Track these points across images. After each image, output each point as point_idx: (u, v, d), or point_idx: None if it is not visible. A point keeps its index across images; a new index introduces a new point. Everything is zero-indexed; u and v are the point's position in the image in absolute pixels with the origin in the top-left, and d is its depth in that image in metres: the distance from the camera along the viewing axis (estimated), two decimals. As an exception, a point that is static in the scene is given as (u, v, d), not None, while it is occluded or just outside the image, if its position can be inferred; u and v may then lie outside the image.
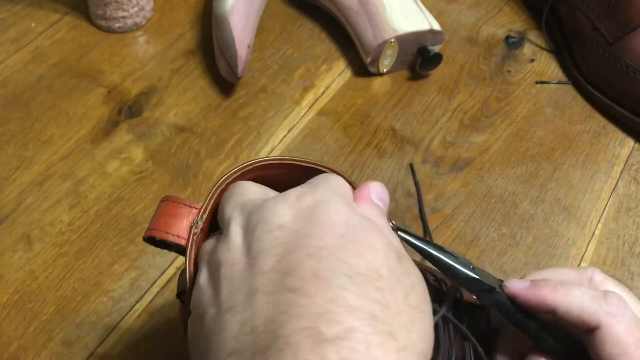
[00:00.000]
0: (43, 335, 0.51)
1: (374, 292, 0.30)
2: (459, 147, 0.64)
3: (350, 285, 0.29)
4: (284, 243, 0.31)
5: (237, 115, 0.65)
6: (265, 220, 0.32)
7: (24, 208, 0.57)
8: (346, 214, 0.32)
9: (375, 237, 0.32)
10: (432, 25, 0.66)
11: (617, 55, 0.65)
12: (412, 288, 0.31)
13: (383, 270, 0.31)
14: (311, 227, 0.31)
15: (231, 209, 0.35)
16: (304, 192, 0.33)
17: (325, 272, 0.30)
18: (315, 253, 0.30)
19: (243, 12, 0.64)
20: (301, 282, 0.29)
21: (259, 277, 0.30)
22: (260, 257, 0.31)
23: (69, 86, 0.66)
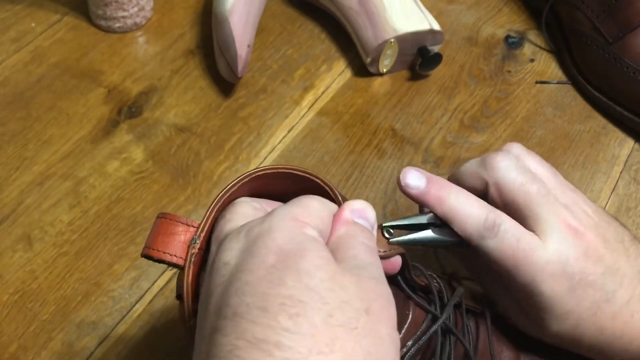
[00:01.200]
0: (43, 335, 0.51)
1: (285, 320, 0.30)
2: (459, 147, 0.64)
3: (261, 317, 0.30)
4: (224, 281, 0.32)
5: (237, 116, 0.65)
6: (219, 257, 0.33)
7: (24, 208, 0.57)
8: (284, 241, 0.32)
9: (304, 261, 0.31)
10: (432, 25, 0.66)
11: (617, 55, 0.65)
12: (340, 305, 0.31)
13: (303, 294, 0.30)
14: (247, 262, 0.32)
15: (213, 242, 0.36)
16: (254, 224, 0.34)
17: (242, 309, 0.30)
18: (240, 289, 0.31)
19: (243, 12, 0.64)
20: (223, 322, 0.30)
21: (207, 319, 0.32)
22: (209, 297, 0.32)
23: (69, 86, 0.66)
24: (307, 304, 0.30)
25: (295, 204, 0.35)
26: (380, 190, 0.60)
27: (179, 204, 0.58)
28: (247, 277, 0.31)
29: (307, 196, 0.36)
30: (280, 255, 0.31)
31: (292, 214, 0.34)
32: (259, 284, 0.31)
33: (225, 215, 0.37)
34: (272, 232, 0.33)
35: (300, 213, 0.34)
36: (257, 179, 0.38)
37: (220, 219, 0.37)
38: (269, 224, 0.33)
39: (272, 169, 0.38)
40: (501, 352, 0.44)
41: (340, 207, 0.36)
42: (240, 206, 0.37)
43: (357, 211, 0.37)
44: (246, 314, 0.30)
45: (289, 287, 0.30)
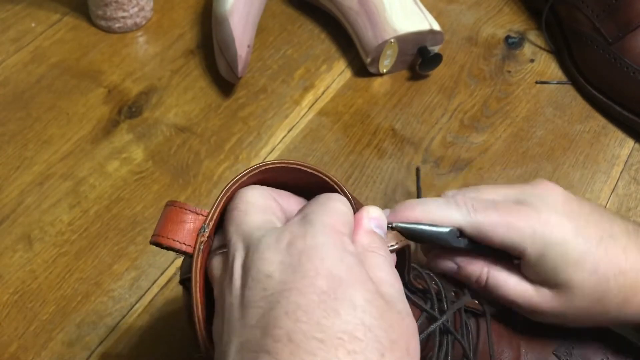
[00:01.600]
0: (43, 335, 0.51)
1: (343, 356, 0.30)
2: (459, 147, 0.64)
3: (320, 350, 0.30)
4: (268, 295, 0.32)
5: (237, 116, 0.65)
6: (256, 267, 0.33)
7: (24, 208, 0.57)
8: (332, 263, 0.32)
9: (357, 292, 0.32)
10: (432, 26, 0.66)
11: (617, 55, 0.65)
12: (390, 345, 0.31)
13: (359, 330, 0.31)
14: (295, 281, 0.32)
15: (234, 235, 0.35)
16: (296, 236, 0.33)
17: (298, 336, 0.30)
18: (292, 312, 0.31)
19: (243, 12, 0.64)
20: (276, 345, 0.30)
21: (246, 330, 0.32)
22: (249, 307, 0.32)
23: (69, 86, 0.66)
24: (363, 342, 0.30)
25: (326, 210, 0.35)
26: (380, 191, 0.60)
27: (179, 204, 0.58)
28: (298, 300, 0.31)
29: (332, 198, 0.36)
30: (331, 281, 0.32)
31: (330, 224, 0.34)
32: (312, 312, 0.31)
33: (237, 205, 0.37)
34: (318, 250, 0.33)
35: (335, 222, 0.34)
36: (266, 172, 0.38)
37: (233, 209, 0.37)
38: (312, 239, 0.33)
39: (282, 164, 0.38)
40: (502, 352, 0.44)
41: (359, 213, 0.37)
42: (251, 196, 0.37)
43: (375, 220, 0.37)
44: (303, 343, 0.30)
45: (345, 322, 0.31)
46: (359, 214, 0.37)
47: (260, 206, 0.37)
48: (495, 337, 0.44)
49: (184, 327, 0.52)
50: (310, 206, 0.36)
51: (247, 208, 0.36)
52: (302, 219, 0.35)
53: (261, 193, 0.37)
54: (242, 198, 0.37)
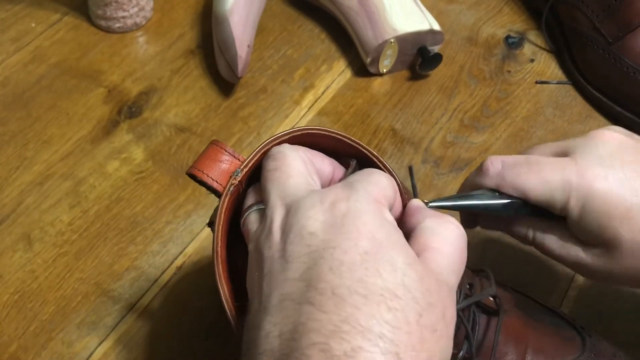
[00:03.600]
0: (43, 335, 0.51)
1: (385, 312, 0.31)
2: (459, 147, 0.64)
3: (364, 305, 0.31)
4: (312, 252, 0.33)
5: (237, 116, 0.65)
6: (300, 224, 0.34)
7: (24, 208, 0.57)
8: (374, 226, 0.33)
9: (398, 254, 0.33)
10: (432, 26, 0.66)
11: (617, 55, 0.65)
12: (428, 307, 0.32)
13: (399, 290, 0.32)
14: (338, 239, 0.33)
15: (274, 194, 0.36)
16: (339, 198, 0.34)
17: (342, 290, 0.31)
18: (336, 268, 0.32)
19: (243, 12, 0.64)
20: (320, 297, 0.31)
21: (289, 283, 0.33)
22: (291, 262, 0.33)
23: (69, 86, 0.66)
24: (403, 300, 0.31)
25: (369, 180, 0.36)
26: (380, 190, 0.60)
27: (179, 204, 0.58)
28: (341, 257, 0.32)
29: (376, 172, 0.37)
30: (372, 243, 0.33)
31: (372, 193, 0.35)
32: (356, 269, 0.32)
33: (277, 166, 0.37)
34: (361, 214, 0.34)
35: (377, 193, 0.35)
36: (307, 136, 0.40)
37: (273, 169, 0.37)
38: (355, 203, 0.34)
39: (325, 131, 0.40)
40: (506, 354, 0.44)
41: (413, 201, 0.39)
42: (291, 157, 0.38)
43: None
44: (347, 297, 0.31)
45: (386, 280, 0.32)
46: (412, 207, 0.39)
47: (300, 169, 0.37)
48: (502, 337, 0.44)
49: (184, 328, 0.52)
50: (356, 175, 0.37)
51: (287, 170, 0.37)
52: (346, 184, 0.36)
53: (300, 155, 0.38)
54: (281, 159, 0.38)
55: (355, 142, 0.41)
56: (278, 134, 0.40)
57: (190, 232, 0.57)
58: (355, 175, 0.37)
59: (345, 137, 0.40)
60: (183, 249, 0.56)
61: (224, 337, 0.51)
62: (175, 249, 0.56)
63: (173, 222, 0.57)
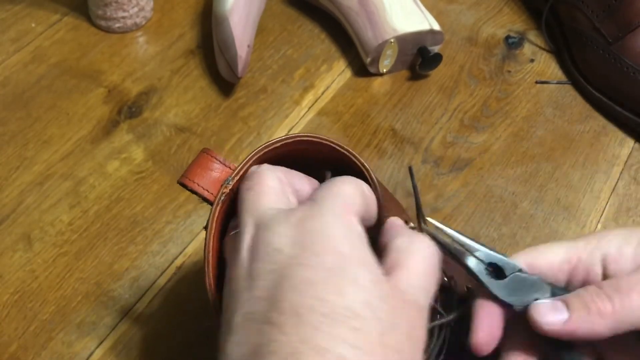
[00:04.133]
0: (43, 335, 0.51)
1: (346, 332, 0.30)
2: (459, 147, 0.64)
3: (324, 325, 0.30)
4: (277, 269, 0.32)
5: (237, 116, 0.65)
6: (266, 241, 0.34)
7: (24, 208, 0.57)
8: (341, 242, 0.33)
9: (362, 271, 0.32)
10: (432, 26, 0.66)
11: (617, 55, 0.65)
12: (392, 327, 0.32)
13: (362, 309, 0.31)
14: (304, 255, 0.32)
15: (245, 215, 0.36)
16: (306, 215, 0.34)
17: (303, 309, 0.31)
18: (299, 286, 0.31)
19: (243, 12, 0.64)
20: (281, 317, 0.31)
21: (253, 302, 0.32)
22: (257, 280, 0.33)
23: (69, 86, 0.66)
24: (366, 320, 0.31)
25: (333, 193, 0.36)
26: (380, 190, 0.60)
27: (179, 204, 0.58)
28: (305, 275, 0.32)
29: (340, 181, 0.37)
30: (337, 259, 0.32)
31: (338, 206, 0.35)
32: (318, 288, 0.31)
33: (251, 186, 0.37)
34: (327, 229, 0.33)
35: (342, 204, 0.35)
36: (300, 143, 0.40)
37: (247, 189, 0.37)
38: (320, 218, 0.34)
39: (318, 138, 0.40)
40: None
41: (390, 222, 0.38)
42: (266, 177, 0.38)
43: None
44: (308, 317, 0.31)
45: (349, 299, 0.31)
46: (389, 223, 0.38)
47: (273, 188, 0.37)
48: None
49: (184, 328, 0.52)
50: (320, 190, 0.37)
51: (260, 189, 0.37)
52: (312, 201, 0.36)
53: (275, 175, 0.38)
54: (257, 178, 0.38)
55: (340, 147, 0.40)
56: (269, 142, 0.39)
57: (190, 232, 0.57)
58: (320, 191, 0.36)
59: (329, 140, 0.40)
60: (183, 249, 0.56)
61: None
62: (175, 249, 0.56)
63: (173, 222, 0.57)
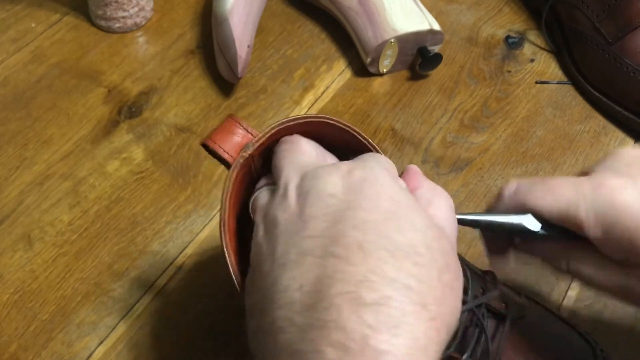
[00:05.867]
0: (43, 335, 0.51)
1: (411, 266, 0.32)
2: (459, 147, 0.64)
3: (390, 258, 0.32)
4: (333, 212, 0.34)
5: (237, 116, 0.65)
6: (318, 187, 0.35)
7: (24, 208, 0.57)
8: (392, 190, 0.35)
9: (416, 216, 0.34)
10: (432, 26, 0.66)
11: (617, 55, 0.65)
12: (446, 267, 0.34)
13: (421, 247, 0.33)
14: (359, 200, 0.34)
15: (287, 167, 0.37)
16: (355, 166, 0.36)
17: (368, 245, 0.32)
18: (360, 225, 0.33)
19: (243, 13, 0.64)
20: (346, 251, 0.32)
21: (309, 240, 0.33)
22: (311, 221, 0.34)
23: (69, 86, 0.66)
24: (425, 257, 0.33)
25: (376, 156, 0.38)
26: (380, 190, 0.60)
27: (179, 204, 0.58)
28: (364, 216, 0.33)
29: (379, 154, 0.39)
30: (393, 204, 0.34)
31: (383, 165, 0.37)
32: (379, 227, 0.33)
33: (291, 146, 0.39)
34: (378, 179, 0.35)
35: (386, 164, 0.37)
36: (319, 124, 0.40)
37: (287, 150, 0.39)
38: (371, 170, 0.35)
39: (341, 123, 0.41)
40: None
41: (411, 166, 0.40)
42: (302, 143, 0.39)
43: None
44: (374, 251, 0.32)
45: (409, 237, 0.33)
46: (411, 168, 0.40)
47: (311, 151, 0.39)
48: (511, 346, 0.43)
49: (184, 328, 0.52)
50: (362, 155, 0.38)
51: (300, 148, 0.39)
52: (356, 159, 0.37)
53: (311, 143, 0.40)
54: (295, 142, 0.39)
55: (364, 138, 0.41)
56: (294, 117, 0.40)
57: (190, 232, 0.57)
58: (361, 156, 0.38)
59: (352, 129, 0.41)
60: (183, 249, 0.56)
61: (225, 337, 0.51)
62: (175, 249, 0.56)
63: (173, 222, 0.57)
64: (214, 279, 0.54)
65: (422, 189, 0.38)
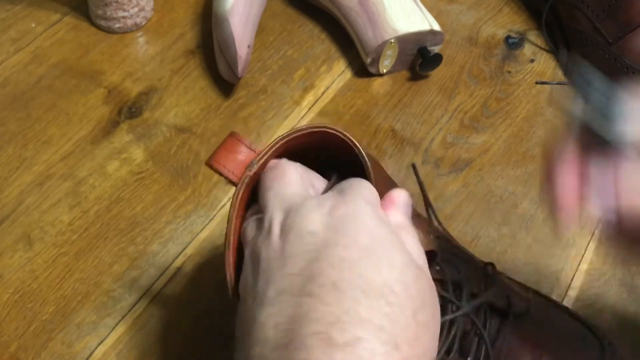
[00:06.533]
0: (43, 335, 0.51)
1: (384, 306, 0.32)
2: (459, 148, 0.64)
3: (364, 298, 0.32)
4: (312, 250, 0.34)
5: (237, 116, 0.65)
6: (300, 225, 0.35)
7: (24, 208, 0.57)
8: (372, 226, 0.35)
9: (395, 254, 0.34)
10: (432, 26, 0.66)
11: (617, 56, 0.65)
12: (422, 306, 0.34)
13: (397, 286, 0.33)
14: (338, 237, 0.34)
15: (272, 201, 0.38)
16: (337, 203, 0.36)
17: (343, 284, 0.32)
18: (337, 264, 0.33)
19: (243, 13, 0.64)
20: (321, 290, 0.32)
21: (288, 278, 0.34)
22: (291, 259, 0.34)
23: (69, 86, 0.66)
24: (401, 297, 0.33)
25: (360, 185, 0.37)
26: (380, 191, 0.60)
27: (179, 204, 0.58)
28: (341, 254, 0.33)
29: (363, 180, 0.38)
30: (372, 241, 0.34)
31: (366, 197, 0.36)
32: (355, 265, 0.33)
33: (276, 175, 0.39)
34: (359, 215, 0.35)
35: (369, 196, 0.37)
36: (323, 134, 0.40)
37: (272, 179, 0.39)
38: (353, 206, 0.36)
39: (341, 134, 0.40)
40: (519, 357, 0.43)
41: (392, 193, 0.39)
42: (289, 168, 0.39)
43: (405, 204, 0.39)
44: (349, 290, 0.32)
45: (385, 276, 0.33)
46: (392, 194, 0.39)
47: (297, 180, 0.39)
48: (517, 341, 0.43)
49: (184, 328, 0.52)
50: (345, 182, 0.38)
51: (285, 179, 0.39)
52: (340, 191, 0.37)
53: (297, 168, 0.40)
54: (280, 170, 0.39)
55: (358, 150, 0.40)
56: (292, 131, 0.40)
57: (190, 232, 0.57)
58: (346, 182, 0.38)
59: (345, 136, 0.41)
60: (183, 249, 0.56)
61: (224, 337, 0.51)
62: (175, 249, 0.56)
63: (173, 222, 0.57)
64: (214, 279, 0.54)
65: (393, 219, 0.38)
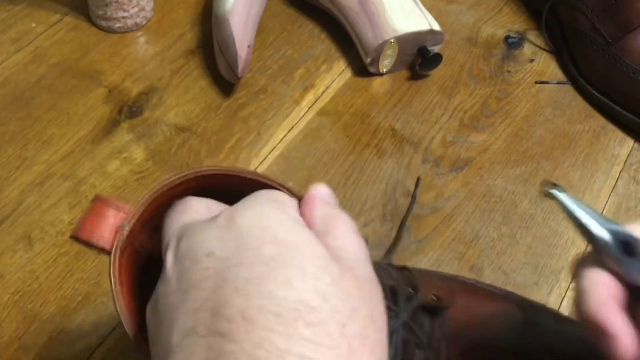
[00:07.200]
0: (43, 335, 0.51)
1: (303, 329, 0.27)
2: (458, 147, 0.64)
3: (278, 325, 0.27)
4: (212, 275, 0.29)
5: (237, 116, 0.65)
6: (194, 248, 0.30)
7: (24, 208, 0.57)
8: (277, 229, 0.30)
9: (306, 257, 0.29)
10: (432, 26, 0.67)
11: (617, 56, 0.65)
12: (351, 314, 0.29)
13: (314, 300, 0.28)
14: (240, 253, 0.29)
15: (169, 233, 0.33)
16: (234, 213, 0.31)
17: (252, 312, 0.28)
18: (242, 287, 0.28)
19: (243, 13, 0.65)
20: (229, 325, 0.28)
21: (190, 315, 0.29)
22: (190, 291, 0.29)
23: (69, 86, 0.66)
24: (321, 311, 0.28)
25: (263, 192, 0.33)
26: (380, 190, 0.60)
27: (179, 204, 0.58)
28: (245, 273, 0.28)
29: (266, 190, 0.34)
30: (277, 248, 0.29)
31: (270, 197, 0.32)
32: (262, 283, 0.28)
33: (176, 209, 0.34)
34: (260, 219, 0.30)
35: (275, 195, 0.33)
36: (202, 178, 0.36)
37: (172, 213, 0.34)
38: (252, 210, 0.31)
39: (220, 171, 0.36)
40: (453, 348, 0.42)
41: (309, 191, 0.34)
42: (193, 201, 0.34)
43: (326, 194, 0.34)
44: (259, 319, 0.27)
45: (299, 291, 0.28)
46: (310, 192, 0.34)
47: (203, 209, 0.34)
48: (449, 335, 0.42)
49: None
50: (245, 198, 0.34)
51: (185, 208, 0.34)
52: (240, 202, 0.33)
53: (205, 201, 0.35)
54: (182, 204, 0.35)
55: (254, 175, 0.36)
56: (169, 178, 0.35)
57: (190, 232, 0.57)
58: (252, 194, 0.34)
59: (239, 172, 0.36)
60: (183, 249, 0.56)
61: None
62: (176, 249, 0.56)
63: (173, 222, 0.57)
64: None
65: (315, 219, 0.32)
